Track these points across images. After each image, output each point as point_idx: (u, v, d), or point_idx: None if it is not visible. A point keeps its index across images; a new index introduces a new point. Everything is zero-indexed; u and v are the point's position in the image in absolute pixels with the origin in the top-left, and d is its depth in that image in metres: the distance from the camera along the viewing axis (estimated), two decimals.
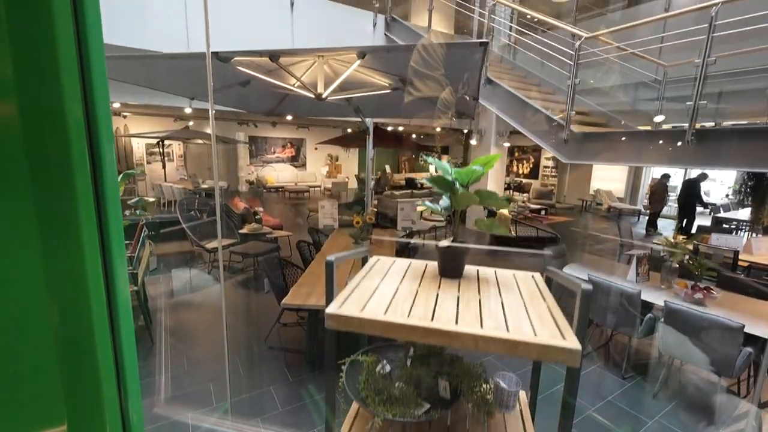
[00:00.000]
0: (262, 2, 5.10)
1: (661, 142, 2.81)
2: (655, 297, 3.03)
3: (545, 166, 14.13)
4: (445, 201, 1.09)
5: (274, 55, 2.57)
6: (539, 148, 13.70)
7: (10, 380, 0.34)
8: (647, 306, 2.95)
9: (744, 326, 2.29)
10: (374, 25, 6.00)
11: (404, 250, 5.09)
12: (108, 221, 0.37)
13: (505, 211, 7.67)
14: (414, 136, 13.49)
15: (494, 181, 8.43)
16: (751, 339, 2.43)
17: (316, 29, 5.52)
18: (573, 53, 3.31)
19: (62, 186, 0.33)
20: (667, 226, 9.00)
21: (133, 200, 5.49)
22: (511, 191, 13.91)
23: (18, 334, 0.34)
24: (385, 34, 6.11)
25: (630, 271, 3.42)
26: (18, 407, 0.35)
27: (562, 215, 10.98)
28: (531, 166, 14.69)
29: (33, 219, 0.33)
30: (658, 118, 3.97)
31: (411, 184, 15.61)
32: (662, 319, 2.72)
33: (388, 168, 16.59)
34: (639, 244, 5.97)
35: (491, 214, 7.03)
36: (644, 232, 8.99)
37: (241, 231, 5.97)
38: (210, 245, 5.27)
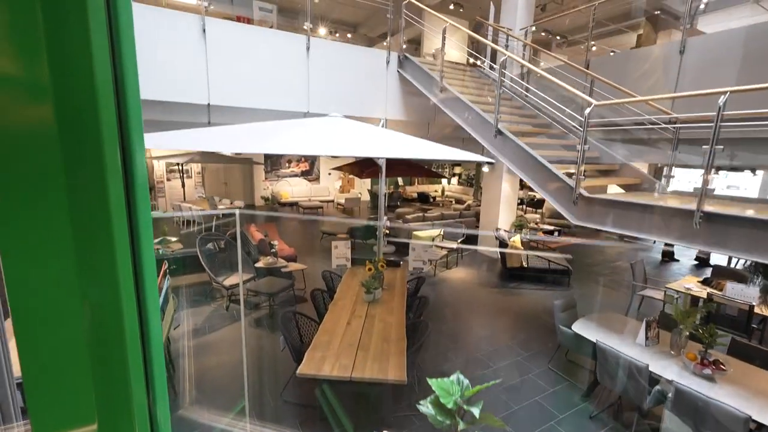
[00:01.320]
0: (280, 48, 5.28)
1: (670, 218, 2.84)
2: (664, 366, 3.05)
3: None
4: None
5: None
6: None
7: (46, 379, 0.37)
8: (656, 377, 2.98)
9: (750, 417, 2.31)
10: (387, 62, 6.12)
11: (415, 288, 5.19)
12: (139, 231, 0.38)
13: (517, 240, 7.68)
14: (426, 165, 13.57)
15: (506, 203, 8.43)
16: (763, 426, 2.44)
17: (331, 69, 5.67)
18: (582, 120, 3.35)
19: (96, 191, 0.35)
20: (683, 252, 8.82)
21: (156, 240, 5.74)
22: (525, 208, 13.81)
23: (53, 336, 0.36)
24: (398, 70, 6.22)
25: (639, 334, 3.44)
26: (52, 405, 0.37)
27: (578, 234, 10.87)
28: None
29: (67, 222, 0.34)
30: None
31: (424, 198, 15.66)
32: (670, 394, 2.75)
33: (400, 181, 16.68)
34: (652, 284, 5.90)
35: (503, 244, 7.05)
36: (659, 258, 8.84)
37: (257, 264, 6.17)
38: (227, 281, 5.48)
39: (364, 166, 10.96)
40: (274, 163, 14.41)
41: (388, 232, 8.95)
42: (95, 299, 0.36)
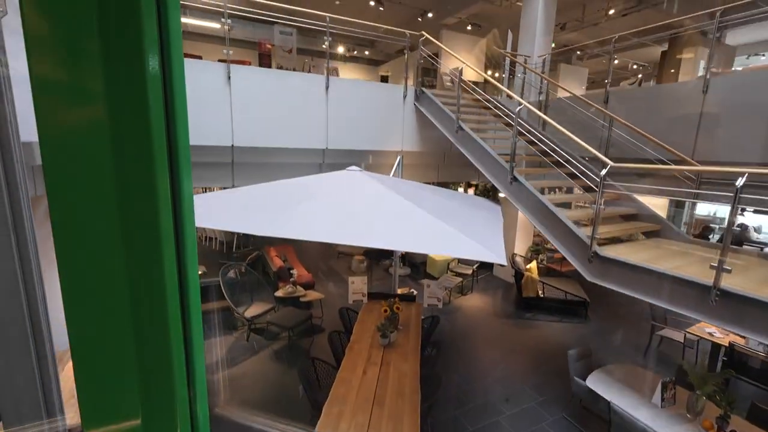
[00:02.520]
0: (299, 88, 5.45)
1: (686, 289, 2.83)
2: None
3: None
4: None
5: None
6: None
7: (95, 374, 0.39)
8: None
9: None
10: (404, 96, 6.22)
11: (430, 323, 5.27)
12: (184, 231, 0.40)
13: (533, 267, 7.64)
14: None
15: (523, 228, 8.40)
16: None
17: (349, 105, 5.82)
18: (598, 181, 3.36)
19: (144, 191, 0.37)
20: None
21: None
22: None
23: (103, 333, 0.38)
24: (414, 104, 6.31)
25: (656, 394, 3.42)
26: (100, 399, 0.40)
27: None
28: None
29: (117, 223, 0.36)
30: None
31: None
32: None
33: None
34: (672, 323, 5.79)
35: (519, 275, 7.04)
36: None
37: (276, 293, 6.38)
38: (248, 312, 5.69)
39: None
40: None
41: (403, 253, 9.04)
42: (143, 304, 0.39)
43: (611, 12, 8.77)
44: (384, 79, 15.17)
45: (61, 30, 0.33)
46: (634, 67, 14.19)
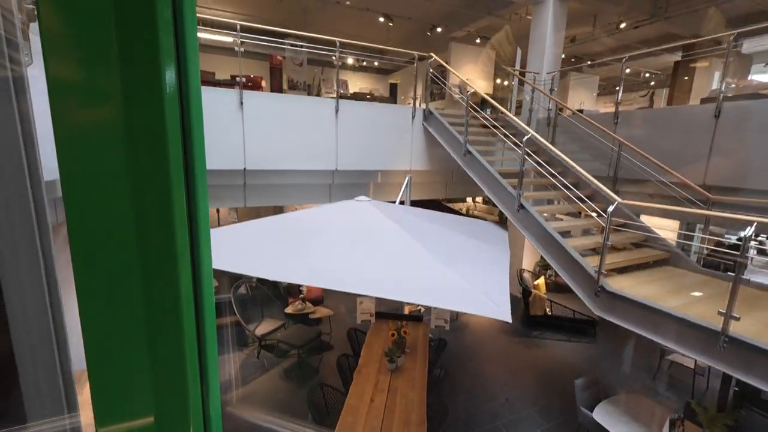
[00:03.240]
0: (310, 112, 5.55)
1: (695, 331, 2.83)
2: None
3: None
4: None
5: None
6: None
7: (109, 371, 0.39)
8: None
9: None
10: (413, 117, 6.28)
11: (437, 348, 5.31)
12: (199, 235, 0.40)
13: (541, 282, 7.62)
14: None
15: (530, 245, 8.37)
16: None
17: (358, 127, 5.90)
18: (605, 217, 3.37)
19: (159, 191, 0.37)
20: None
21: None
22: None
23: (117, 331, 0.39)
24: (422, 124, 6.36)
25: (664, 431, 3.42)
26: (113, 396, 0.40)
27: None
28: None
29: (132, 220, 0.37)
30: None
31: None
32: None
33: None
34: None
35: (527, 292, 7.03)
36: None
37: (286, 310, 6.50)
38: (259, 330, 5.81)
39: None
40: None
41: None
42: (156, 303, 0.39)
43: (623, 26, 8.69)
44: (393, 87, 15.25)
45: (78, 46, 0.34)
46: (647, 75, 14.00)
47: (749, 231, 2.46)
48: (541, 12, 7.29)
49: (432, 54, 6.26)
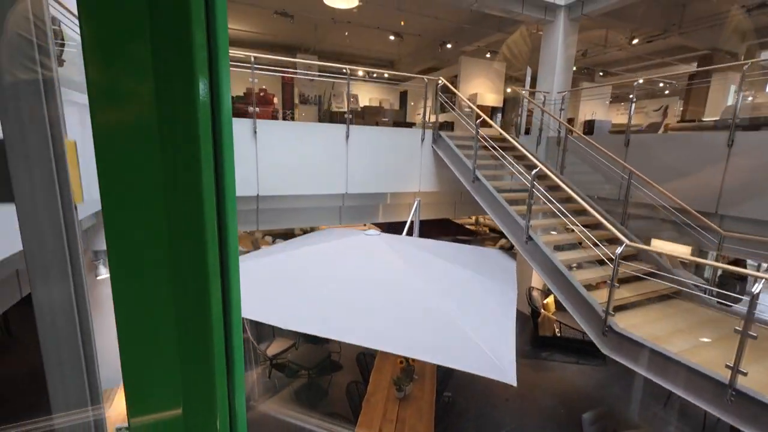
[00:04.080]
0: (321, 138, 5.67)
1: (702, 380, 2.83)
2: None
3: None
4: None
5: None
6: None
7: (141, 366, 0.41)
8: None
9: None
10: (422, 140, 6.35)
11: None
12: (227, 235, 0.42)
13: (550, 301, 7.60)
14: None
15: None
16: None
17: (368, 151, 5.99)
18: (613, 259, 3.39)
19: (191, 194, 0.38)
20: None
21: None
22: None
23: (149, 327, 0.40)
24: (432, 146, 6.43)
25: None
26: (144, 389, 0.42)
27: None
28: None
29: (164, 217, 0.38)
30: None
31: (457, 226, 15.60)
32: None
33: None
34: None
35: (536, 314, 7.02)
36: None
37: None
38: (270, 350, 5.94)
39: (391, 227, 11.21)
40: None
41: None
42: (187, 302, 0.40)
43: (635, 42, 8.61)
44: (403, 96, 15.31)
45: (117, 71, 0.35)
46: (660, 85, 13.78)
47: (757, 287, 2.46)
48: (551, 31, 7.29)
49: (441, 78, 6.32)
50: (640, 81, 5.78)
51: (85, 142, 2.08)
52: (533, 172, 4.31)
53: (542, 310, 6.99)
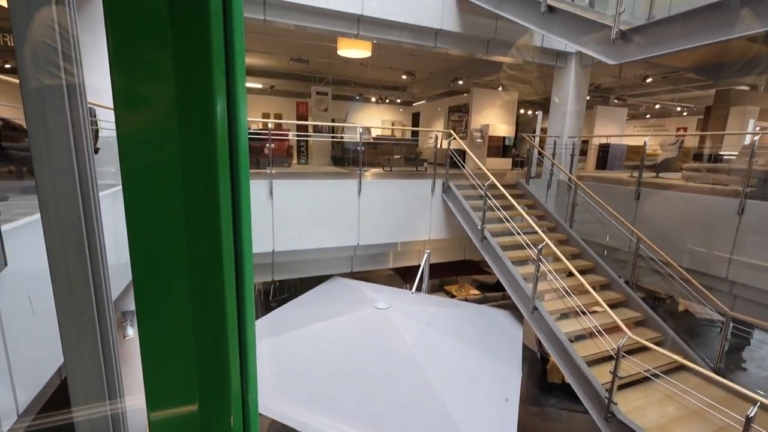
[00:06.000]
0: (334, 193, 5.89)
1: None
2: None
3: None
4: None
5: None
6: None
7: (158, 364, 0.43)
8: None
9: None
10: (432, 190, 6.50)
11: None
12: (242, 236, 0.43)
13: None
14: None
15: None
16: None
17: (380, 203, 6.18)
18: (617, 349, 3.48)
19: (208, 195, 0.39)
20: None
21: None
22: None
23: (166, 326, 0.42)
24: (442, 196, 6.57)
25: None
26: (162, 385, 0.44)
27: None
28: None
29: (182, 219, 0.39)
30: None
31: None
32: None
33: None
34: None
35: (545, 360, 7.07)
36: None
37: None
38: None
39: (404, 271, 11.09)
40: None
41: None
42: (203, 303, 0.42)
43: (649, 80, 8.56)
44: (416, 117, 15.44)
45: (142, 81, 0.37)
46: (678, 109, 13.57)
47: (752, 411, 2.53)
48: (563, 77, 7.34)
49: (451, 132, 6.46)
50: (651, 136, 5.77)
51: None
52: (539, 246, 4.41)
53: (551, 358, 7.03)
